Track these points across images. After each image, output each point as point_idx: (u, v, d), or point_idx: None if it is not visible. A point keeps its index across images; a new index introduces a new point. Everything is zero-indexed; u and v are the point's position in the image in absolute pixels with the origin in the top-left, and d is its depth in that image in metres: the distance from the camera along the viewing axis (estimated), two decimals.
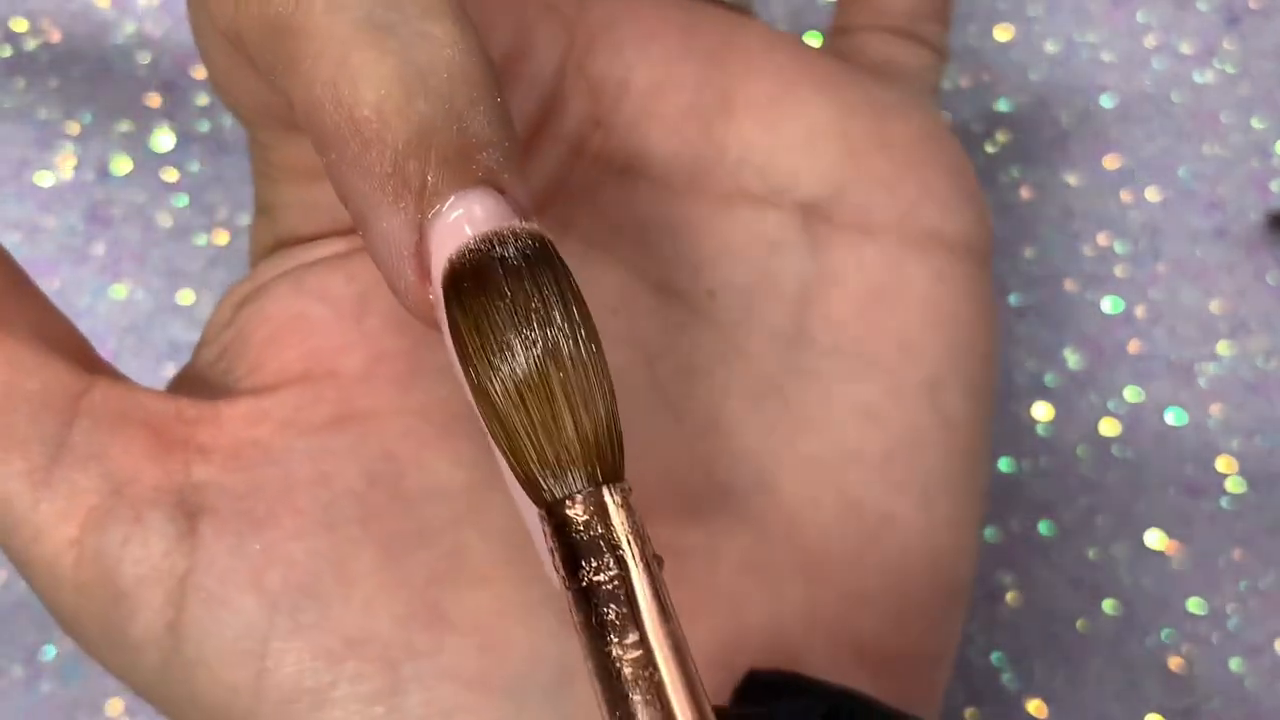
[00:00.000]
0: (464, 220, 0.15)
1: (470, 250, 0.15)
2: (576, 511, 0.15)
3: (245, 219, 0.35)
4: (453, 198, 0.15)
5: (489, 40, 0.20)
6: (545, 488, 0.15)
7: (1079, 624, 0.32)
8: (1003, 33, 0.37)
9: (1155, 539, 0.32)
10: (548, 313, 0.15)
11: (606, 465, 0.15)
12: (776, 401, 0.21)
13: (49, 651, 0.31)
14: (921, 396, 0.22)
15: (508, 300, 0.15)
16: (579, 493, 0.15)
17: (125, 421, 0.19)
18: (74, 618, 0.19)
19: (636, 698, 0.14)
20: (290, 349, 0.20)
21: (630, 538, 0.15)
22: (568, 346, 0.15)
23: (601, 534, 0.15)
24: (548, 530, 0.15)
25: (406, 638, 0.18)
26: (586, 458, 0.15)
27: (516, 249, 0.15)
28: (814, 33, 0.36)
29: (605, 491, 0.15)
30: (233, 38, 0.16)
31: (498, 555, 0.19)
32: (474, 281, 0.15)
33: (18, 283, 0.19)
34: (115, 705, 0.31)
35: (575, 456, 0.15)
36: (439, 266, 0.15)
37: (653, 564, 0.15)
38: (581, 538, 0.15)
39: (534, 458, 0.15)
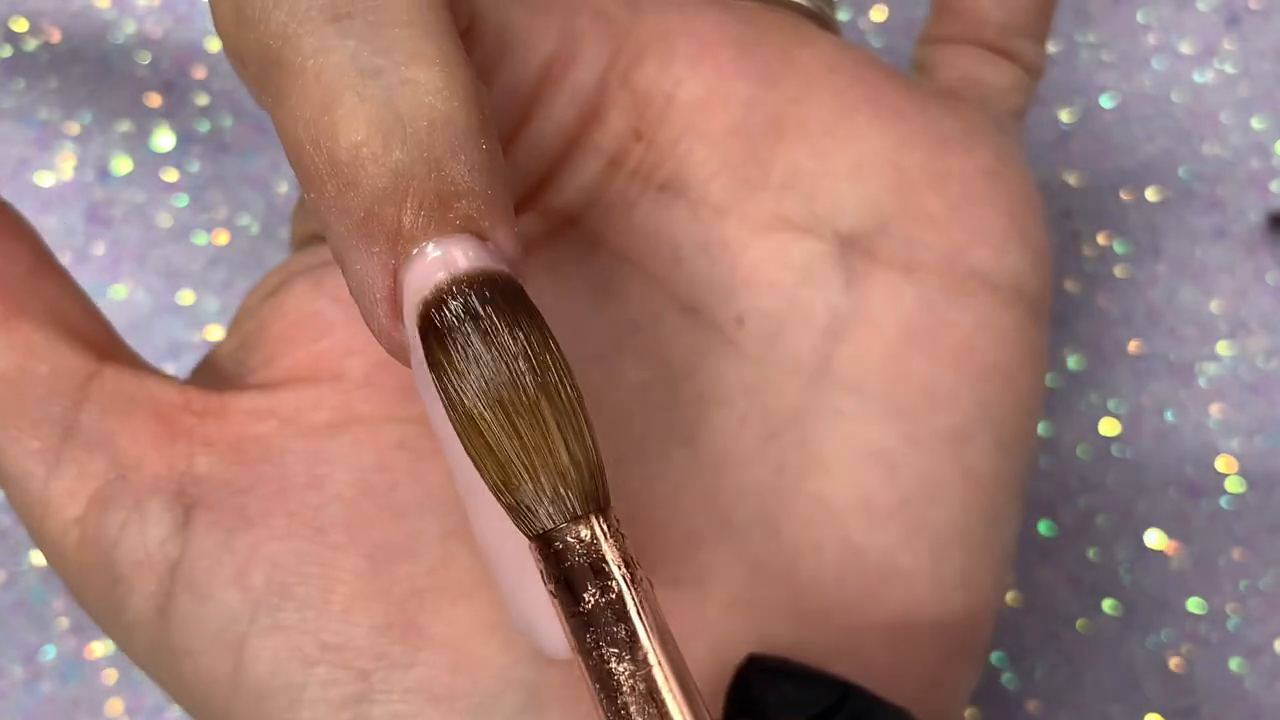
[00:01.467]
0: (440, 265, 0.15)
1: (445, 288, 0.15)
2: (577, 538, 0.15)
3: (245, 219, 0.35)
4: (429, 244, 0.15)
5: (532, 47, 0.20)
6: (540, 515, 0.15)
7: (1079, 624, 0.32)
8: None
9: (1155, 539, 0.32)
10: (529, 348, 0.15)
11: (601, 492, 0.15)
12: (792, 439, 0.21)
13: (49, 651, 0.31)
14: (943, 447, 0.21)
15: (490, 336, 0.15)
16: (577, 519, 0.15)
17: (133, 408, 0.19)
18: (78, 592, 0.20)
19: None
20: (301, 348, 0.20)
21: (626, 563, 0.15)
22: (553, 378, 0.15)
23: (598, 560, 0.15)
24: (541, 559, 0.15)
25: (381, 648, 0.18)
26: (582, 484, 0.15)
27: (490, 290, 0.15)
28: None
29: (601, 518, 0.15)
30: (234, 59, 0.17)
31: (482, 573, 0.19)
32: (456, 317, 0.15)
33: (39, 268, 0.20)
34: (115, 705, 0.31)
35: (571, 483, 0.15)
36: (412, 310, 0.15)
37: (647, 588, 0.15)
38: (579, 564, 0.15)
39: (528, 485, 0.15)
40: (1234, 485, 0.33)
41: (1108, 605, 0.32)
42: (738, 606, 0.20)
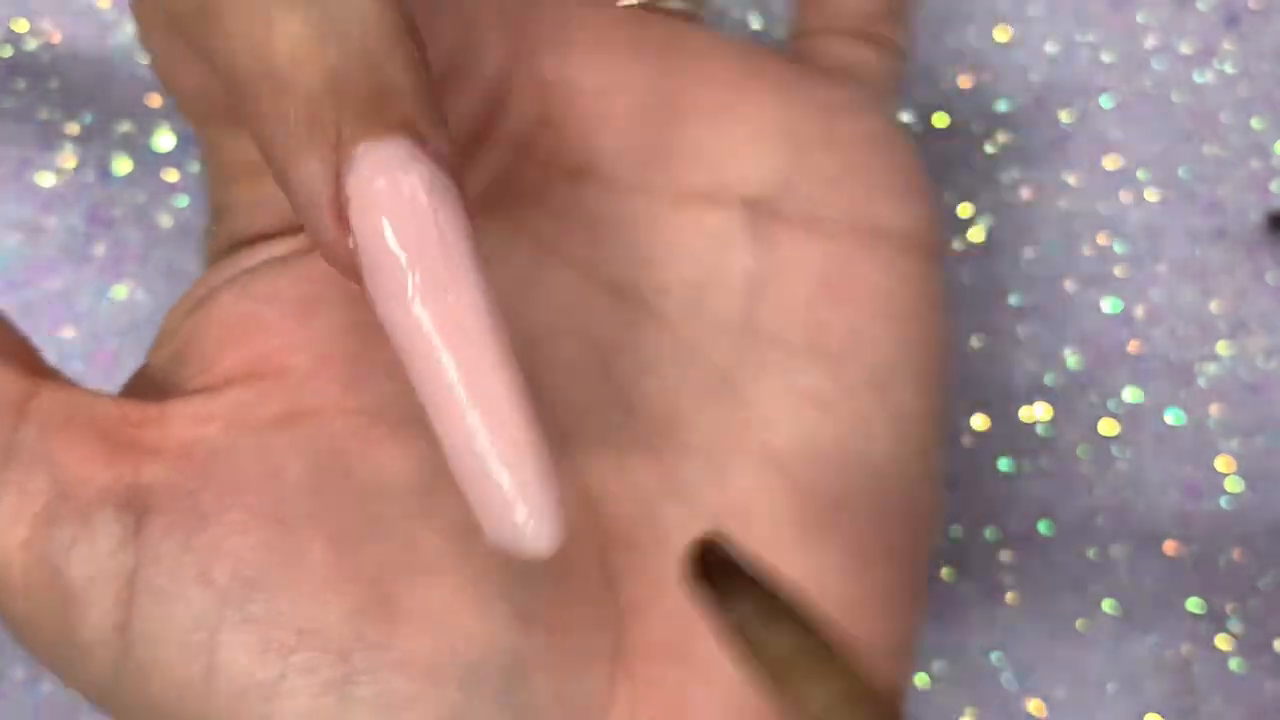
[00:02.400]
0: (383, 166, 0.15)
1: (712, 542, 0.17)
2: None
3: None
4: (364, 145, 0.15)
5: (434, 42, 0.20)
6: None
7: (1079, 624, 0.32)
8: (1002, 33, 0.37)
9: (1155, 539, 0.33)
10: None
11: None
12: (728, 395, 0.22)
13: None
14: (870, 388, 0.22)
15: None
16: None
17: (72, 425, 0.19)
18: (26, 624, 0.19)
19: None
20: (238, 350, 0.20)
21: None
22: None
23: None
24: None
25: (357, 629, 0.18)
26: None
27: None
28: None
29: None
30: (167, 11, 0.17)
31: (451, 549, 0.19)
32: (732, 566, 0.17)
33: None
34: None
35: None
36: (359, 213, 0.15)
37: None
38: None
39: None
40: (1234, 485, 0.33)
41: (1108, 605, 0.32)
42: None
